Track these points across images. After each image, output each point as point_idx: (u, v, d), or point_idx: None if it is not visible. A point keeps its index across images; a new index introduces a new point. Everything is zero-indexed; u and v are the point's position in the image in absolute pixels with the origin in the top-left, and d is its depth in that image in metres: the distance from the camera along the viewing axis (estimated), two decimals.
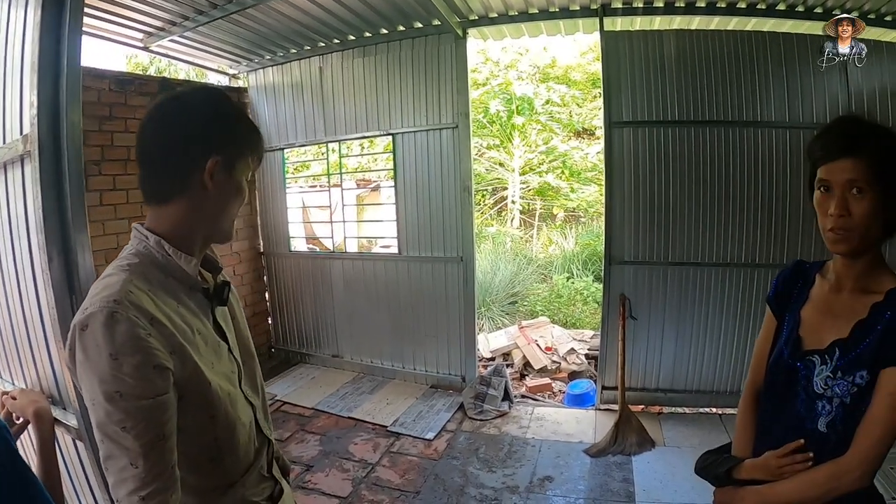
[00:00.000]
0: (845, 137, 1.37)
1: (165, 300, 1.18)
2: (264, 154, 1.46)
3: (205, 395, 1.19)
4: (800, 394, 1.45)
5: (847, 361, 1.37)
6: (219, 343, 1.32)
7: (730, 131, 4.70)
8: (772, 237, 4.71)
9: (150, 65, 12.84)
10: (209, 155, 1.20)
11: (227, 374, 1.31)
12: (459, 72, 5.24)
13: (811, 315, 1.52)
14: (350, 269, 6.13)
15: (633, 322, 4.96)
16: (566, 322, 8.43)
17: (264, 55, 6.12)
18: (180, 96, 1.26)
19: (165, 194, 1.22)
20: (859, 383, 1.34)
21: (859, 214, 1.33)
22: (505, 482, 4.05)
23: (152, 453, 1.05)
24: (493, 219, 13.88)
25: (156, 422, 1.06)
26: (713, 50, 4.68)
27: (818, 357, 1.43)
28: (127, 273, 1.14)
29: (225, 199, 1.27)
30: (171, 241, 1.22)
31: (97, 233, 4.54)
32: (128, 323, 1.04)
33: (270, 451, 1.49)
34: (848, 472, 1.32)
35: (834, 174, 1.36)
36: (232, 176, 1.26)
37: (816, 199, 1.43)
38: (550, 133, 13.30)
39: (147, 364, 1.05)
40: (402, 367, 5.96)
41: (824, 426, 1.39)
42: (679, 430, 4.71)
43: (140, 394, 1.04)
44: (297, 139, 6.30)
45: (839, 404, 1.37)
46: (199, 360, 1.18)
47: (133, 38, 5.30)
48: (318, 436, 4.79)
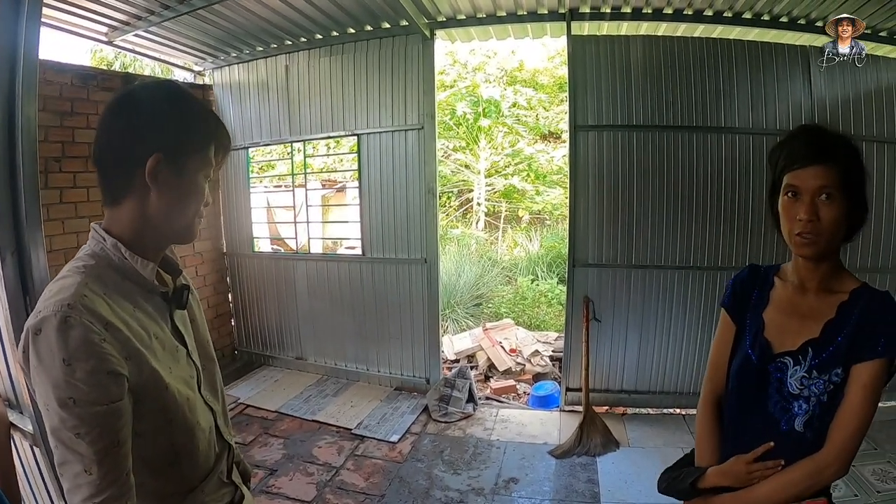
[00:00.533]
0: (816, 145, 1.41)
1: (121, 304, 1.15)
2: (230, 149, 1.38)
3: (162, 400, 1.16)
4: (772, 395, 1.48)
5: (822, 360, 1.42)
6: (177, 347, 1.29)
7: (694, 136, 4.79)
8: (734, 241, 4.82)
9: (114, 60, 12.55)
10: (150, 153, 1.14)
11: (186, 378, 1.28)
12: (426, 73, 5.22)
13: (775, 317, 1.55)
14: (314, 270, 6.08)
15: (596, 324, 5.01)
16: (531, 324, 8.48)
17: (230, 52, 6.03)
18: (130, 92, 1.21)
19: (115, 195, 1.19)
20: (835, 381, 1.39)
21: (828, 220, 1.38)
22: (470, 484, 4.05)
23: (106, 460, 1.03)
24: (458, 221, 13.91)
25: (110, 428, 1.04)
26: (679, 56, 4.77)
27: (790, 358, 1.46)
28: (82, 275, 1.11)
29: (176, 200, 1.21)
30: (127, 243, 1.18)
31: (56, 231, 4.41)
32: (81, 328, 1.01)
33: (231, 457, 1.47)
34: (827, 466, 1.37)
35: (804, 180, 1.40)
36: (182, 174, 1.20)
37: (782, 204, 1.46)
38: (517, 136, 13.39)
39: (101, 370, 1.02)
40: (366, 370, 5.92)
41: (801, 426, 1.43)
42: (643, 431, 4.77)
43: (94, 400, 1.01)
44: (261, 138, 6.21)
45: (816, 403, 1.41)
46: (157, 365, 1.16)
47: (97, 32, 5.18)
48: (282, 439, 4.73)
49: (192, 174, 1.22)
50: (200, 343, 1.44)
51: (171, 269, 1.37)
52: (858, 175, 1.41)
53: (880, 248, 4.84)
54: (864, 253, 4.82)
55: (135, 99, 1.20)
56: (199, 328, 1.46)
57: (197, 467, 1.30)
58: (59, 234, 4.44)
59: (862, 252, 4.80)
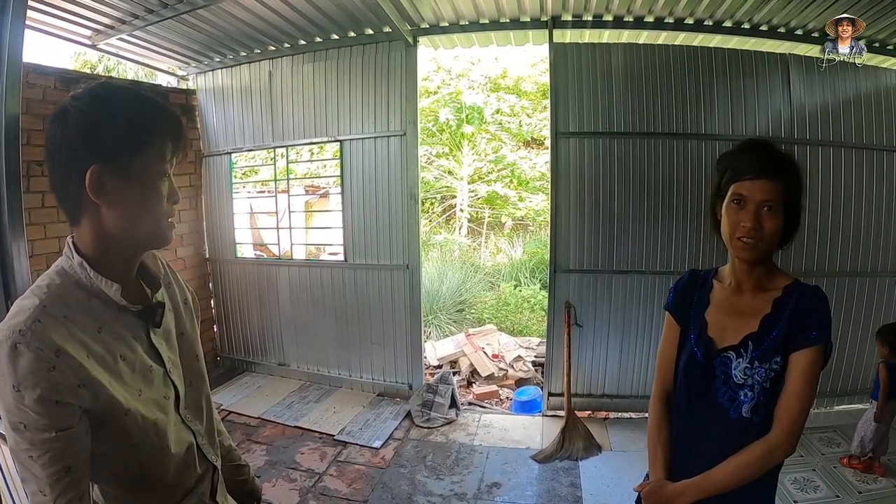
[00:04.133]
0: (766, 161, 1.54)
1: (85, 326, 1.11)
2: (184, 138, 1.24)
3: (122, 426, 1.13)
4: (719, 387, 1.60)
5: (762, 351, 1.55)
6: (150, 368, 1.24)
7: (675, 143, 4.85)
8: (714, 246, 4.85)
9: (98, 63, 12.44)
10: (86, 167, 1.06)
11: (159, 400, 1.24)
12: (409, 79, 5.24)
13: (716, 317, 1.69)
14: (296, 276, 6.06)
15: (578, 329, 5.04)
16: (513, 329, 8.50)
17: (214, 57, 6.01)
18: (60, 109, 1.10)
19: (72, 216, 1.14)
20: (775, 368, 1.53)
21: (769, 229, 1.52)
22: (453, 489, 4.06)
23: (58, 484, 1.03)
24: (441, 227, 13.92)
25: (60, 454, 1.03)
26: (660, 63, 4.84)
27: (733, 352, 1.59)
28: (43, 296, 1.08)
29: (131, 207, 1.14)
30: (92, 262, 1.14)
31: (38, 236, 4.38)
32: (30, 356, 1.00)
33: (216, 477, 1.44)
34: (778, 446, 1.50)
35: (752, 192, 1.52)
36: (130, 179, 1.11)
37: (728, 210, 1.58)
38: (500, 142, 13.44)
39: (48, 399, 1.01)
40: (348, 376, 5.91)
41: (748, 412, 1.54)
42: (625, 435, 4.81)
43: (43, 427, 1.01)
44: (244, 144, 6.18)
45: (760, 390, 1.53)
46: (119, 390, 1.13)
47: (81, 36, 5.15)
48: (265, 445, 4.71)
49: (143, 176, 1.13)
50: (188, 358, 1.39)
51: (152, 283, 1.32)
52: (798, 191, 1.56)
53: (859, 253, 4.96)
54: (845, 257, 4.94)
55: (64, 114, 1.09)
56: (188, 342, 1.40)
57: (169, 490, 1.28)
58: (40, 238, 4.39)
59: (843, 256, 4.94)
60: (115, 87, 1.17)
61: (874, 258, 4.98)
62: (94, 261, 1.14)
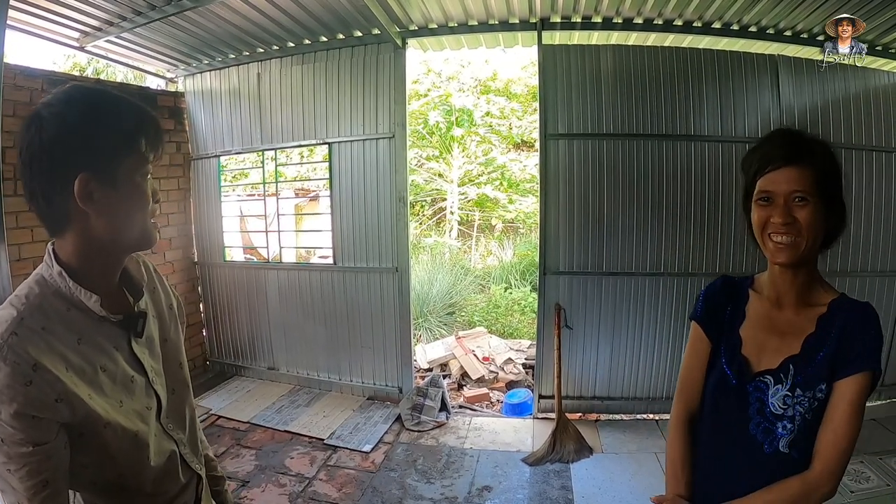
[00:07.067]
0: (789, 147, 1.37)
1: (64, 337, 1.08)
2: (163, 134, 1.20)
3: (101, 438, 1.11)
4: (753, 417, 1.40)
5: (805, 377, 1.35)
6: (132, 378, 1.21)
7: (664, 144, 4.86)
8: (704, 247, 4.91)
9: (87, 65, 12.35)
10: (74, 176, 1.03)
11: (140, 410, 1.22)
12: (398, 82, 5.23)
13: (753, 334, 1.47)
14: (285, 279, 6.03)
15: (568, 331, 5.04)
16: (504, 332, 8.50)
17: (202, 59, 5.98)
18: (35, 116, 1.05)
19: (55, 228, 1.11)
20: (820, 397, 1.33)
21: (805, 222, 1.32)
22: (444, 493, 4.04)
23: (36, 497, 1.02)
24: (431, 229, 13.91)
25: (38, 468, 1.01)
26: (649, 65, 4.85)
27: (770, 377, 1.39)
28: (21, 308, 1.06)
29: (120, 212, 1.12)
30: (72, 272, 1.11)
31: (25, 240, 4.31)
32: (6, 370, 0.98)
33: (200, 487, 1.41)
34: (818, 487, 1.29)
35: (777, 184, 1.35)
36: (117, 184, 1.09)
37: (755, 211, 1.40)
38: (490, 145, 13.46)
39: (24, 414, 0.98)
40: (338, 379, 5.88)
41: (786, 446, 1.35)
42: (616, 437, 4.81)
43: (20, 441, 0.99)
44: (233, 146, 6.15)
45: (801, 421, 1.33)
46: (99, 402, 1.11)
47: (68, 38, 5.11)
48: (254, 450, 4.68)
49: (129, 179, 1.11)
50: (172, 365, 1.36)
51: (135, 290, 1.29)
52: (835, 178, 1.37)
53: (849, 252, 4.98)
54: (835, 256, 4.95)
55: (39, 121, 1.04)
56: (172, 348, 1.38)
57: (149, 497, 1.26)
58: (27, 242, 4.33)
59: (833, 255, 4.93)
60: (88, 89, 1.13)
61: (863, 257, 5.01)
62: (74, 271, 1.12)
